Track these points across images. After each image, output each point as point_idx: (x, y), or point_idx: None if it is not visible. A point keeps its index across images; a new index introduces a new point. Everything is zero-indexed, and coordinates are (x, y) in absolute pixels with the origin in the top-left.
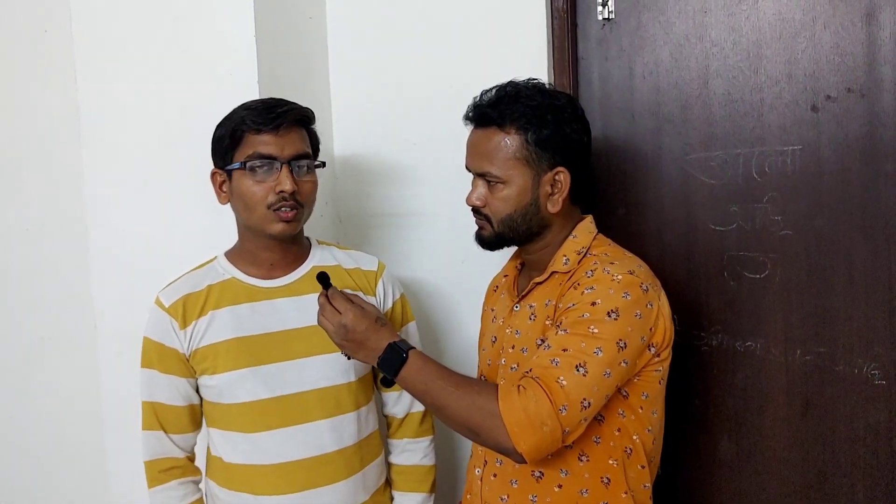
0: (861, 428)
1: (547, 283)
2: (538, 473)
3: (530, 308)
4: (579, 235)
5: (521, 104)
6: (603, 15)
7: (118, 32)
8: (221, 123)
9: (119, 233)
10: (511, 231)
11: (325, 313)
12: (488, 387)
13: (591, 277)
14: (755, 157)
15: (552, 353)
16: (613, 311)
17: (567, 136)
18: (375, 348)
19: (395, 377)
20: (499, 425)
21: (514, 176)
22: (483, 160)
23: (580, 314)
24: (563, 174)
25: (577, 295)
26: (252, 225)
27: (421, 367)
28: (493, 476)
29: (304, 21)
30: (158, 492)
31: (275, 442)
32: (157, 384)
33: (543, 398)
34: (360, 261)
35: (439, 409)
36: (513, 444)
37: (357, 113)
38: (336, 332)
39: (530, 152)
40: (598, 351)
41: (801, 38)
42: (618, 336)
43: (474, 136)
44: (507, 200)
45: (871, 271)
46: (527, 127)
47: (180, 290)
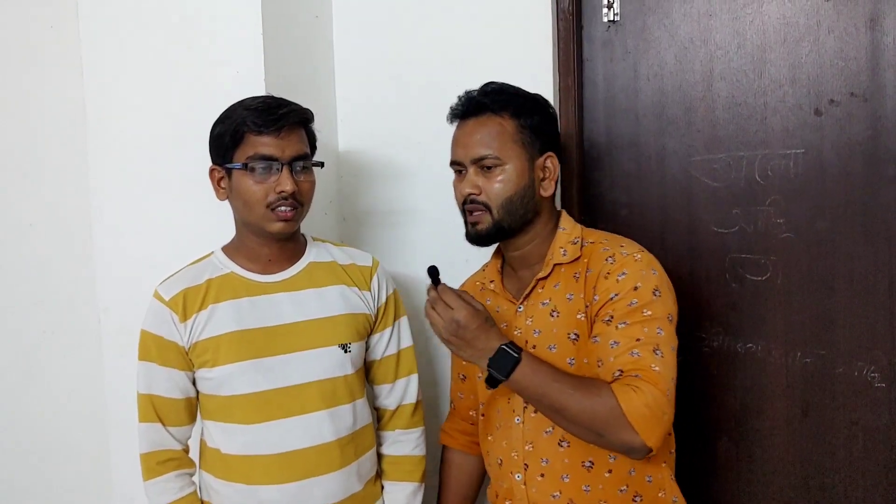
0: (860, 430)
1: (552, 278)
2: (588, 463)
3: (545, 305)
4: (567, 227)
5: (508, 93)
6: (608, 17)
7: (125, 30)
8: (220, 120)
9: (124, 229)
10: (510, 217)
11: (436, 307)
12: (605, 387)
13: (614, 263)
14: (758, 160)
15: (627, 346)
16: (656, 290)
17: (551, 126)
18: (485, 348)
19: (505, 378)
20: (626, 426)
21: (513, 157)
22: (480, 145)
23: (628, 302)
24: (552, 159)
25: (612, 284)
26: (251, 223)
27: (536, 369)
28: (541, 476)
29: (310, 20)
30: (155, 483)
31: (274, 432)
32: (156, 377)
33: (654, 390)
34: (356, 257)
35: (558, 411)
36: (641, 440)
37: (362, 112)
38: (446, 328)
39: (525, 135)
40: (660, 330)
41: (805, 43)
42: (666, 311)
43: (467, 126)
44: (507, 182)
45: (872, 274)
46: (519, 112)
47: (180, 284)
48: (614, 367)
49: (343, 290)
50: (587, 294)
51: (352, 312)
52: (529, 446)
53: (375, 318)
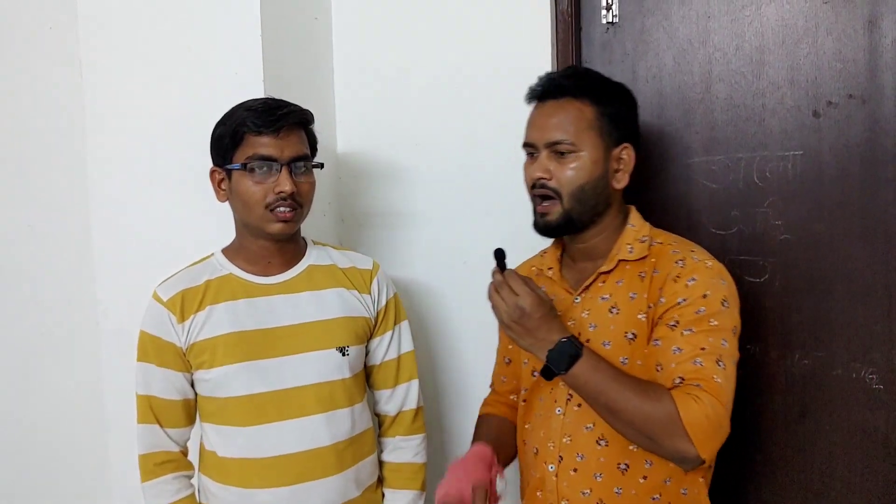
0: (858, 432)
1: (615, 274)
2: (623, 466)
3: (604, 300)
4: (637, 224)
5: (591, 79)
6: (607, 19)
7: (124, 30)
8: (221, 122)
9: (123, 230)
10: (580, 206)
11: (500, 291)
12: (664, 393)
13: (684, 267)
14: (756, 162)
15: (690, 354)
16: (725, 301)
17: (631, 116)
18: (546, 339)
19: (563, 372)
20: (682, 435)
21: (589, 145)
22: (556, 129)
23: (696, 309)
24: (628, 151)
25: (681, 288)
26: (250, 224)
27: (596, 365)
28: (574, 471)
29: (309, 21)
30: (153, 485)
31: (270, 435)
32: (154, 378)
33: (715, 402)
34: (356, 260)
35: (614, 412)
36: (696, 451)
37: (361, 113)
38: (509, 314)
39: (603, 123)
40: (725, 342)
41: (804, 45)
42: (733, 324)
43: (545, 108)
44: (581, 170)
45: (870, 276)
46: (600, 98)
47: (178, 285)
48: (675, 374)
49: (342, 292)
50: (652, 295)
51: (350, 316)
52: (567, 439)
53: (375, 321)
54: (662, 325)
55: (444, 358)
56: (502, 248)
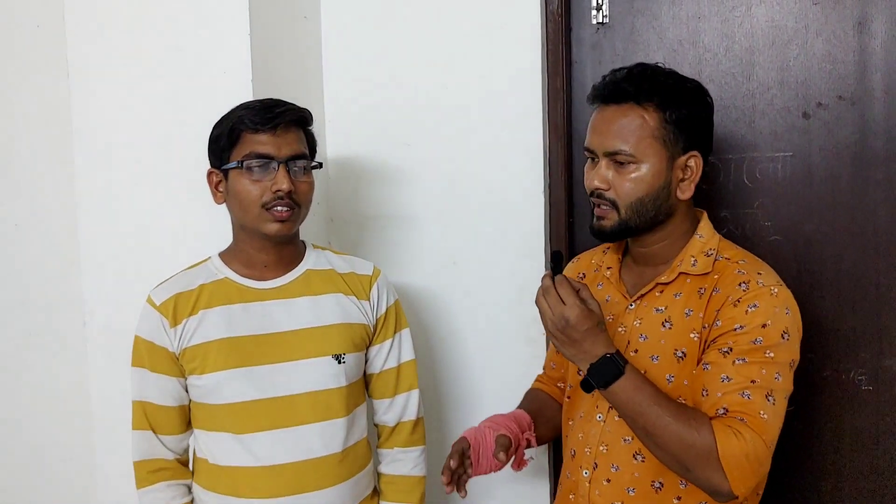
0: (847, 433)
1: (675, 286)
2: (658, 484)
3: (659, 312)
4: (705, 235)
5: (658, 81)
6: (597, 19)
7: (111, 29)
8: (219, 122)
9: (110, 231)
10: (638, 217)
11: (547, 298)
12: (705, 423)
13: (747, 291)
14: (746, 163)
15: (739, 385)
16: (786, 333)
17: (702, 120)
18: (589, 352)
19: (604, 388)
20: (717, 469)
21: (650, 156)
22: (616, 137)
23: (753, 339)
24: (696, 159)
25: (740, 314)
26: (247, 224)
27: (638, 386)
28: (607, 481)
29: (298, 20)
30: (146, 493)
31: (263, 444)
32: (148, 383)
33: (758, 439)
34: (355, 265)
35: (651, 435)
36: (730, 488)
37: (350, 114)
38: (553, 322)
39: (668, 132)
40: (778, 376)
41: (794, 46)
42: (790, 357)
43: (606, 113)
44: (640, 182)
45: (859, 278)
46: (665, 104)
47: (172, 289)
48: (720, 404)
49: (339, 298)
50: (708, 315)
51: (347, 322)
52: (604, 448)
53: (374, 329)
54: (714, 349)
55: (447, 368)
56: (560, 251)
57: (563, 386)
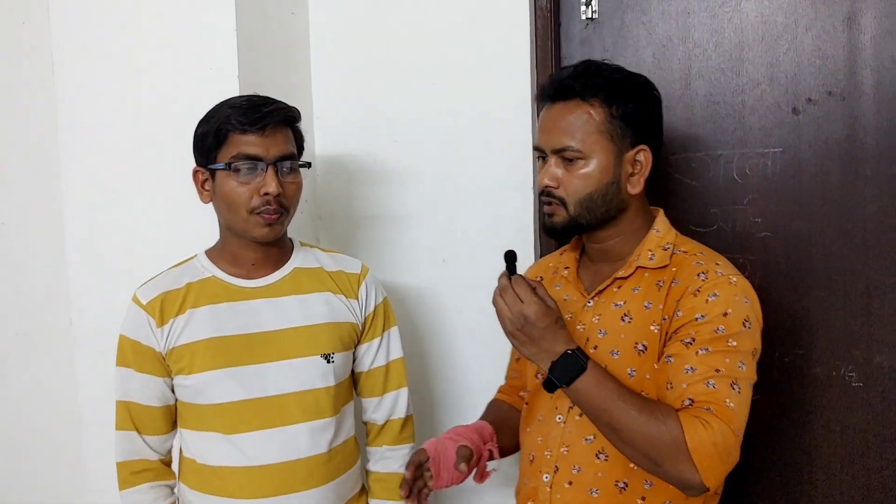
0: (838, 429)
1: (632, 280)
2: (622, 484)
3: (618, 307)
4: (661, 229)
5: (603, 76)
6: (586, 15)
7: (97, 25)
8: (204, 120)
9: (97, 229)
10: (588, 214)
11: (504, 297)
12: (671, 415)
13: (706, 281)
14: (736, 159)
15: (704, 375)
16: (747, 321)
17: (649, 114)
18: (549, 350)
19: (566, 385)
20: (687, 461)
21: (597, 151)
22: (563, 134)
23: (715, 328)
24: (644, 153)
25: (701, 304)
26: (234, 227)
27: (601, 381)
28: (569, 484)
29: (286, 17)
30: (129, 494)
31: (251, 444)
32: (133, 383)
33: (726, 428)
34: (344, 263)
35: (616, 431)
36: (700, 480)
37: (339, 111)
38: (512, 321)
39: (614, 126)
40: (742, 364)
41: (783, 41)
42: (752, 346)
43: (553, 111)
44: (588, 178)
45: (849, 274)
46: (611, 99)
47: (158, 288)
48: (685, 395)
49: (328, 297)
50: (668, 307)
51: (336, 321)
52: (565, 449)
53: (363, 327)
54: (676, 340)
55: (436, 367)
56: (513, 251)
57: (525, 395)
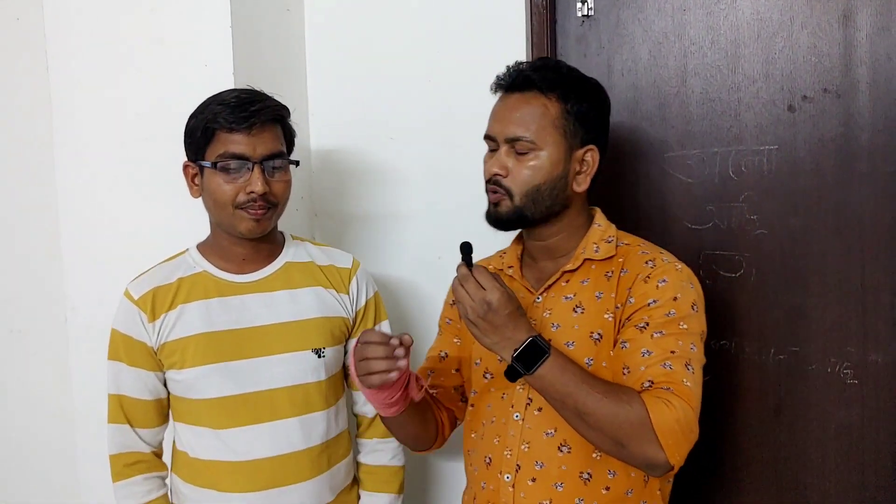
0: (833, 427)
1: (580, 273)
2: (586, 475)
3: (568, 299)
4: (602, 224)
5: (561, 73)
6: (582, 11)
7: (91, 22)
8: (194, 115)
9: (91, 225)
10: (533, 205)
11: (467, 286)
12: (635, 396)
13: (655, 268)
14: (732, 156)
15: (659, 357)
16: (694, 305)
17: (600, 116)
18: (512, 337)
19: (529, 373)
20: (652, 440)
21: (549, 144)
22: (518, 124)
23: (666, 311)
24: (592, 153)
25: (652, 289)
26: (221, 222)
27: (564, 366)
28: (532, 481)
29: (281, 13)
30: (123, 486)
31: (243, 438)
32: (124, 377)
33: (686, 406)
34: (335, 257)
35: (582, 415)
36: (665, 457)
37: (334, 107)
38: (475, 309)
39: (568, 122)
40: (693, 346)
41: (779, 38)
42: (700, 329)
43: (509, 101)
44: (538, 170)
45: (845, 271)
46: (568, 96)
47: (150, 282)
48: (644, 377)
49: (319, 291)
50: (620, 295)
51: (327, 316)
52: (526, 446)
53: (354, 321)
54: (631, 326)
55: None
56: (469, 242)
57: (435, 393)
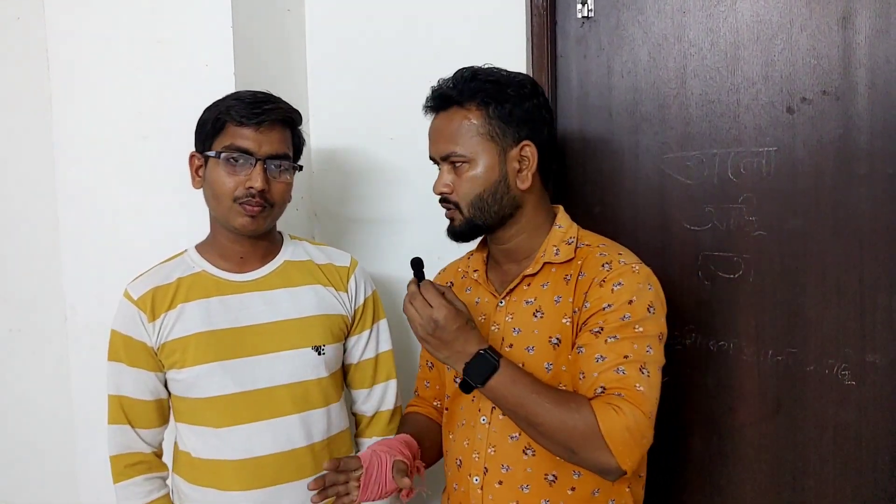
0: (831, 428)
1: (541, 276)
2: (552, 477)
3: (529, 304)
4: (564, 224)
5: (478, 81)
6: (582, 13)
7: (92, 21)
8: (208, 108)
9: (91, 225)
10: (482, 213)
11: (414, 303)
12: (584, 404)
13: (611, 271)
14: (731, 158)
15: (613, 362)
16: (651, 307)
17: (529, 111)
18: (462, 351)
19: (481, 385)
20: (601, 446)
21: (480, 153)
22: (447, 142)
23: (621, 315)
24: (529, 148)
25: (607, 293)
26: (218, 216)
27: (513, 378)
28: (499, 483)
29: (282, 13)
30: (124, 487)
31: (243, 437)
32: (124, 377)
33: (637, 411)
34: (333, 256)
35: (533, 425)
36: (617, 464)
37: (334, 107)
38: (423, 326)
39: (493, 127)
40: (650, 349)
41: (778, 41)
42: (658, 330)
43: (436, 122)
44: (475, 180)
45: (843, 273)
46: (487, 101)
47: (149, 283)
48: (597, 383)
49: (318, 289)
50: (577, 299)
51: (326, 313)
52: (492, 449)
53: (353, 319)
54: (586, 331)
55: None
56: (419, 258)
57: (438, 405)
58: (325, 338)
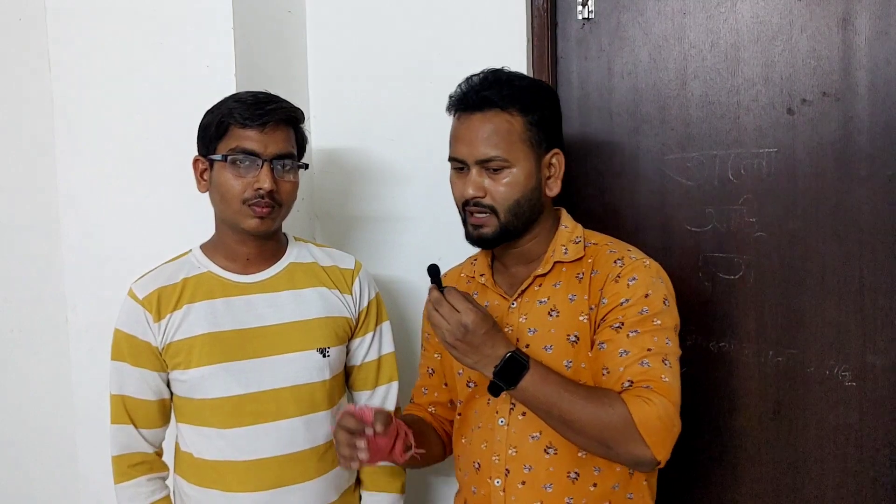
0: (831, 429)
1: (552, 276)
2: (574, 475)
3: (542, 304)
4: (569, 225)
5: (515, 86)
6: (583, 14)
7: (94, 23)
8: (210, 111)
9: (92, 225)
10: (516, 220)
11: (440, 309)
12: (616, 398)
13: (624, 267)
14: (731, 159)
15: (637, 356)
16: (666, 300)
17: (557, 119)
18: (491, 355)
19: (512, 387)
20: (636, 439)
21: (521, 159)
22: (487, 145)
23: (639, 310)
24: (558, 156)
25: (623, 288)
26: (226, 218)
27: (544, 377)
28: (522, 484)
29: (282, 14)
30: (126, 487)
31: (248, 438)
32: (128, 377)
33: (666, 402)
34: (337, 259)
35: (568, 423)
36: (652, 454)
37: (335, 108)
38: (451, 332)
39: (533, 133)
40: (668, 341)
41: (778, 42)
42: (674, 322)
43: (472, 122)
44: (515, 186)
45: (843, 274)
46: (528, 107)
47: (155, 283)
48: (624, 377)
49: (322, 292)
50: (593, 296)
51: (331, 316)
52: (513, 451)
53: (356, 322)
54: (606, 327)
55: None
56: (436, 265)
57: (433, 410)
58: (330, 340)
